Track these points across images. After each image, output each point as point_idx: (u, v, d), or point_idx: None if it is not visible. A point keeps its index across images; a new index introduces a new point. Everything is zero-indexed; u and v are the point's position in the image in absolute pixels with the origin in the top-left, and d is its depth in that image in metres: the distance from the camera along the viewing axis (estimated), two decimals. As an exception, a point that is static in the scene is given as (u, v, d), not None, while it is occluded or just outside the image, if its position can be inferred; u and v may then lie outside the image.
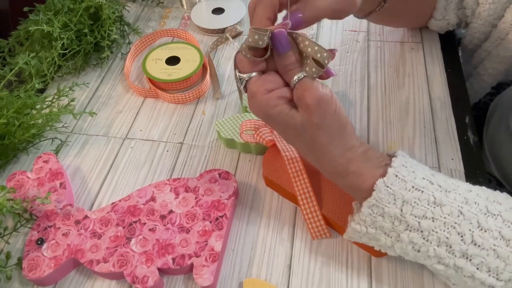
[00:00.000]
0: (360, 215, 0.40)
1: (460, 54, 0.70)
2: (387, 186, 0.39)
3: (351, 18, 0.74)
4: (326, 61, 0.37)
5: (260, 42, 0.37)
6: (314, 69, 0.38)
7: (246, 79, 0.40)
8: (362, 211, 0.40)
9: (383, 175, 0.39)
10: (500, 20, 0.61)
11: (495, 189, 0.42)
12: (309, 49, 0.37)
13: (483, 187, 0.42)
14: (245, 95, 0.41)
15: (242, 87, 0.40)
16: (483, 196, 0.40)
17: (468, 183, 0.42)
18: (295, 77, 0.38)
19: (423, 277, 0.45)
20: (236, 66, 0.41)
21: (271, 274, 0.46)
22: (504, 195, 0.41)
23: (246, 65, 0.39)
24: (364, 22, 0.75)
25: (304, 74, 0.38)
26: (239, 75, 0.40)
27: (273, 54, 0.39)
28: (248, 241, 0.49)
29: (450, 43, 0.70)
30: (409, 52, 0.69)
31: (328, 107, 0.38)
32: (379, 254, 0.46)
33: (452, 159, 0.55)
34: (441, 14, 0.65)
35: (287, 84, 0.40)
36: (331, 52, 0.38)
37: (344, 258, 0.47)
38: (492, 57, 0.64)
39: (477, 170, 0.53)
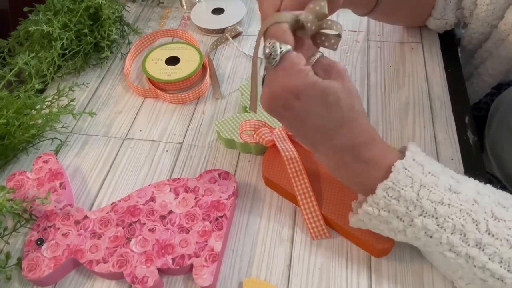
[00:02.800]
0: (373, 197, 0.39)
1: (459, 54, 0.70)
2: (406, 168, 0.38)
3: (351, 18, 0.75)
4: (341, 30, 0.40)
5: (323, 3, 0.38)
6: (333, 40, 0.40)
7: (288, 50, 0.38)
8: (376, 193, 0.39)
9: (401, 157, 0.39)
10: (498, 21, 0.61)
11: None
12: (324, 25, 0.39)
13: (488, 185, 0.42)
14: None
15: (278, 58, 0.38)
16: (492, 190, 0.41)
17: (475, 180, 0.42)
18: (316, 54, 0.40)
19: (423, 277, 0.45)
20: (266, 38, 0.39)
21: (271, 274, 0.46)
22: (509, 193, 0.41)
23: (290, 35, 0.38)
24: (364, 22, 0.75)
25: (320, 53, 0.41)
26: (279, 45, 0.38)
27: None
28: (248, 241, 0.49)
29: (450, 43, 0.70)
30: (409, 52, 0.69)
31: (349, 76, 0.40)
32: (379, 254, 0.46)
33: (452, 159, 0.55)
34: (439, 14, 0.65)
35: None
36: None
37: (344, 258, 0.47)
38: (493, 57, 0.64)
39: (477, 171, 0.53)
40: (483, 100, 0.73)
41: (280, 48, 0.38)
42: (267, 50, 0.38)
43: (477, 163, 0.54)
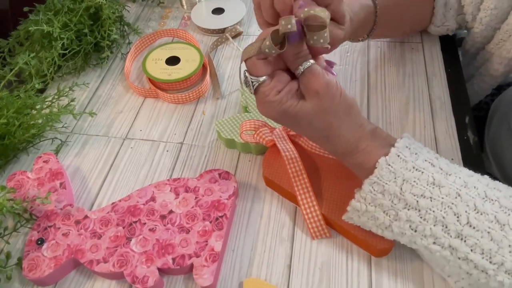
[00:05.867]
0: (361, 192, 0.42)
1: (460, 55, 0.70)
2: (389, 164, 0.40)
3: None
4: (327, 20, 0.38)
5: (289, 26, 0.37)
6: (315, 37, 0.39)
7: (259, 82, 0.40)
8: (363, 188, 0.41)
9: (387, 154, 0.41)
10: (502, 23, 0.61)
11: None
12: (312, 11, 0.38)
13: (486, 175, 0.43)
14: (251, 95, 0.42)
15: (252, 90, 0.41)
16: (484, 182, 0.41)
17: (470, 170, 0.43)
18: (304, 64, 0.40)
19: (423, 277, 0.45)
20: (246, 70, 0.41)
21: (271, 274, 0.46)
22: (505, 185, 0.42)
23: (260, 67, 0.40)
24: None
25: (312, 62, 0.40)
26: (251, 79, 0.41)
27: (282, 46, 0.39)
28: (248, 241, 0.49)
29: (450, 44, 0.70)
30: (409, 52, 0.69)
31: (335, 92, 0.40)
32: (380, 254, 0.46)
33: (452, 159, 0.55)
34: (440, 21, 0.65)
35: (292, 78, 0.41)
36: (330, 65, 0.42)
37: (344, 258, 0.47)
38: (495, 58, 0.64)
39: (477, 170, 0.53)
40: (483, 101, 0.73)
41: (252, 82, 0.41)
42: (243, 81, 0.42)
43: (477, 163, 0.54)
